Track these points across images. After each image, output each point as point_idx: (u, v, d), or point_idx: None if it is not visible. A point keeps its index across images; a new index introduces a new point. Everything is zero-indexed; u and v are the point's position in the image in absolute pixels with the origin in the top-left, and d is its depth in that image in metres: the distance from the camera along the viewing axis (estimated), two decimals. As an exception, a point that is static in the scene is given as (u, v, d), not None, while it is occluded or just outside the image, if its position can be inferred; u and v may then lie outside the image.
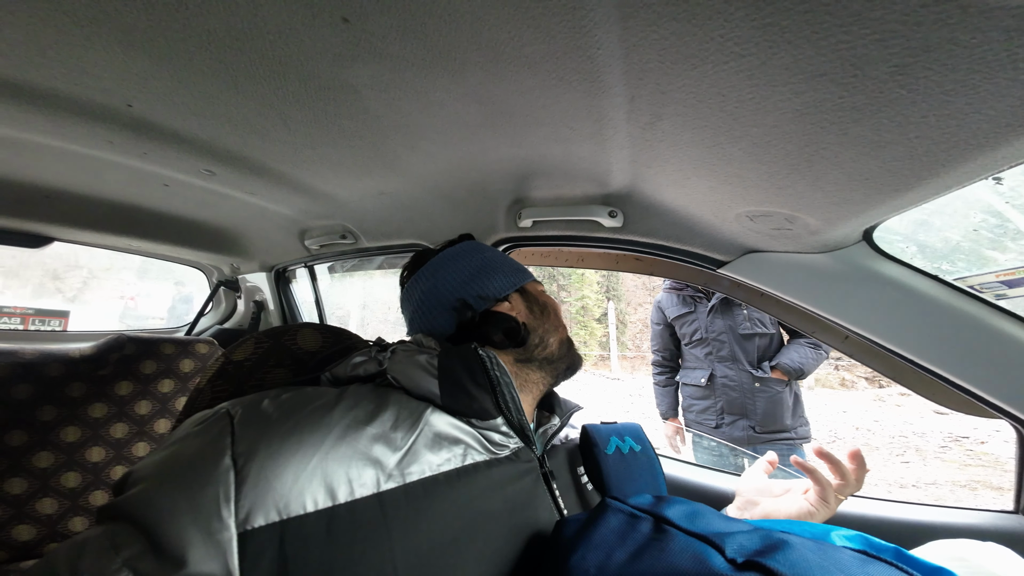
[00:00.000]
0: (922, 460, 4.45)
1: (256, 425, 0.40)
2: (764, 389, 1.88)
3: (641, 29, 0.43)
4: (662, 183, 0.73)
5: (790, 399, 1.89)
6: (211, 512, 0.34)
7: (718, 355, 1.96)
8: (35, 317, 1.66)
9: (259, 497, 0.36)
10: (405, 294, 0.69)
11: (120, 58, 0.57)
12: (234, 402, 0.44)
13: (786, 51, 0.40)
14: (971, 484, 3.83)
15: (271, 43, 0.53)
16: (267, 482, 0.36)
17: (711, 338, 1.97)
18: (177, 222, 1.41)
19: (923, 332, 0.76)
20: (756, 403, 1.88)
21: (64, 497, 1.06)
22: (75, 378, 1.12)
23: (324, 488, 0.38)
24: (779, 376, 1.87)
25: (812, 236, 0.72)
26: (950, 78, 0.37)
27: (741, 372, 1.91)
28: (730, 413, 1.93)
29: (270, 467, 0.37)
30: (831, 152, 0.51)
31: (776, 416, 1.86)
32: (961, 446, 4.69)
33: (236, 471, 0.36)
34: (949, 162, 0.46)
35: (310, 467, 0.38)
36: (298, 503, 0.37)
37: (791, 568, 0.30)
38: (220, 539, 0.34)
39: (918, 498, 0.86)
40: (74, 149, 0.86)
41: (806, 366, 1.83)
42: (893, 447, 4.87)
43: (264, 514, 0.35)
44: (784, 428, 1.87)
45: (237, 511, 0.35)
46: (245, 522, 0.35)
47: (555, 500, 0.53)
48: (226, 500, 0.35)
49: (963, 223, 0.98)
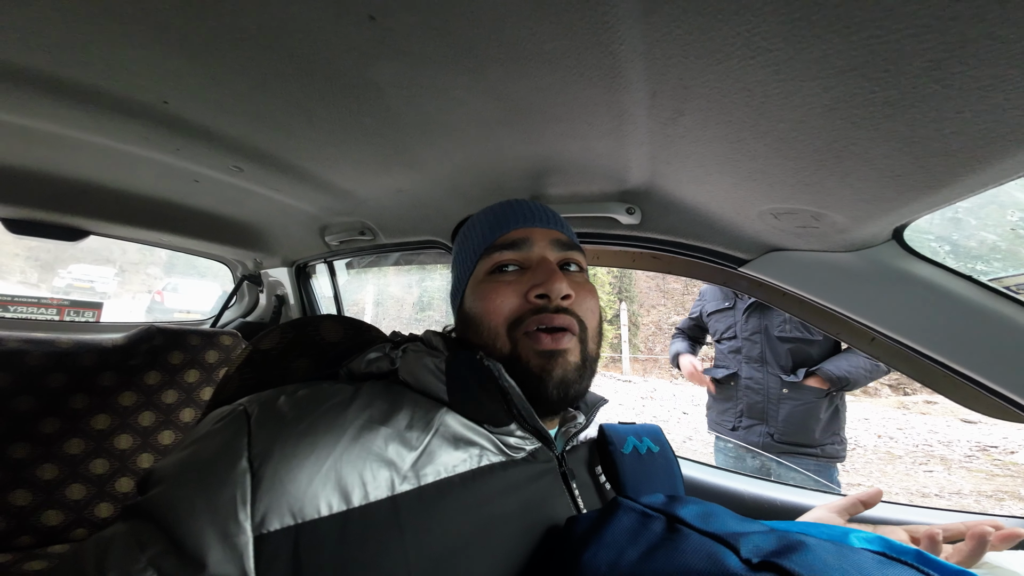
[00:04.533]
0: (947, 469, 4.30)
1: (272, 425, 0.40)
2: (792, 396, 1.74)
3: (664, 24, 0.42)
4: (682, 179, 0.72)
5: (825, 412, 1.71)
6: (229, 514, 0.34)
7: (747, 355, 1.86)
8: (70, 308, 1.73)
9: (274, 500, 0.36)
10: None
11: (157, 55, 0.59)
12: (251, 399, 0.44)
13: (815, 46, 0.40)
14: (997, 495, 3.68)
15: (300, 41, 0.54)
16: (281, 485, 0.36)
17: (743, 337, 1.87)
18: (205, 217, 1.46)
19: (956, 334, 0.73)
20: (779, 410, 1.76)
21: (92, 483, 1.10)
22: (107, 367, 1.17)
23: (338, 492, 0.38)
24: (818, 384, 1.71)
25: (839, 234, 0.70)
26: (987, 73, 0.36)
27: (769, 376, 1.79)
28: (749, 417, 1.84)
29: (284, 470, 0.37)
30: (861, 148, 0.50)
31: (802, 427, 1.72)
32: (989, 456, 4.51)
33: (252, 473, 0.36)
34: (986, 158, 0.45)
35: (324, 470, 0.38)
36: (312, 507, 0.36)
37: (808, 570, 0.29)
38: (237, 542, 0.34)
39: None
40: (111, 145, 0.89)
41: (854, 377, 1.64)
42: (916, 456, 4.71)
43: (279, 518, 0.35)
44: (810, 442, 1.71)
45: (253, 514, 0.35)
46: (261, 525, 0.35)
47: (574, 499, 0.52)
48: (243, 503, 0.35)
49: (999, 222, 0.93)
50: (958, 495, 3.76)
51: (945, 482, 4.02)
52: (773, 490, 0.96)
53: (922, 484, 3.99)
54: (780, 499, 0.92)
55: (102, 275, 11.05)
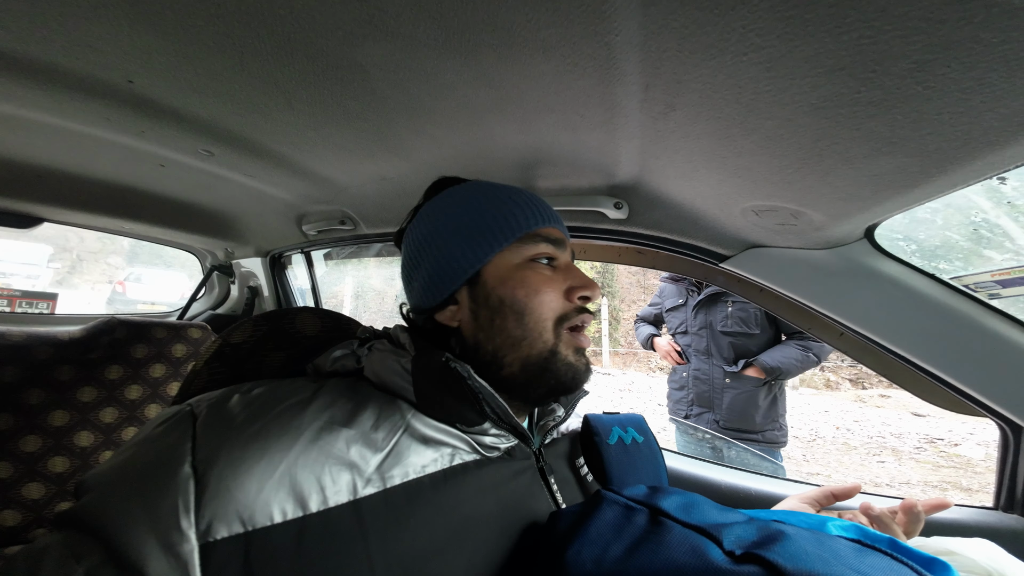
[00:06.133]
0: (897, 461, 4.58)
1: (220, 427, 0.38)
2: (734, 385, 1.90)
3: (662, 16, 0.42)
4: (670, 175, 0.73)
5: (764, 399, 1.87)
6: (170, 523, 0.32)
7: (695, 348, 2.03)
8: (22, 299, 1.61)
9: (220, 507, 0.34)
10: None
11: (125, 32, 0.55)
12: (201, 399, 0.42)
13: (808, 44, 0.40)
14: (942, 485, 3.96)
15: (281, 19, 0.51)
16: (228, 491, 0.34)
17: (692, 331, 2.03)
18: (171, 204, 1.38)
19: (918, 330, 0.78)
20: (723, 398, 1.92)
21: (51, 482, 1.04)
22: (63, 361, 1.10)
23: (293, 497, 0.36)
24: (755, 373, 1.86)
25: (816, 232, 0.73)
26: (968, 76, 0.37)
27: (713, 367, 1.96)
28: (698, 405, 2.01)
29: (231, 475, 0.35)
30: (843, 147, 0.52)
31: (743, 414, 1.87)
32: (936, 447, 4.81)
33: (197, 479, 0.34)
34: (958, 159, 0.47)
35: (276, 475, 0.36)
36: (264, 514, 0.34)
37: (790, 560, 0.30)
38: (180, 551, 0.32)
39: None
40: (70, 126, 0.83)
41: (786, 367, 1.80)
42: (871, 447, 4.98)
43: (227, 525, 0.33)
44: (751, 428, 1.87)
45: (198, 522, 0.33)
46: (207, 533, 0.33)
47: (552, 495, 0.52)
48: (186, 510, 0.33)
49: (963, 222, 1.00)
50: (907, 484, 4.01)
51: (896, 472, 4.29)
52: (750, 480, 0.99)
53: (875, 474, 4.24)
54: (757, 488, 0.95)
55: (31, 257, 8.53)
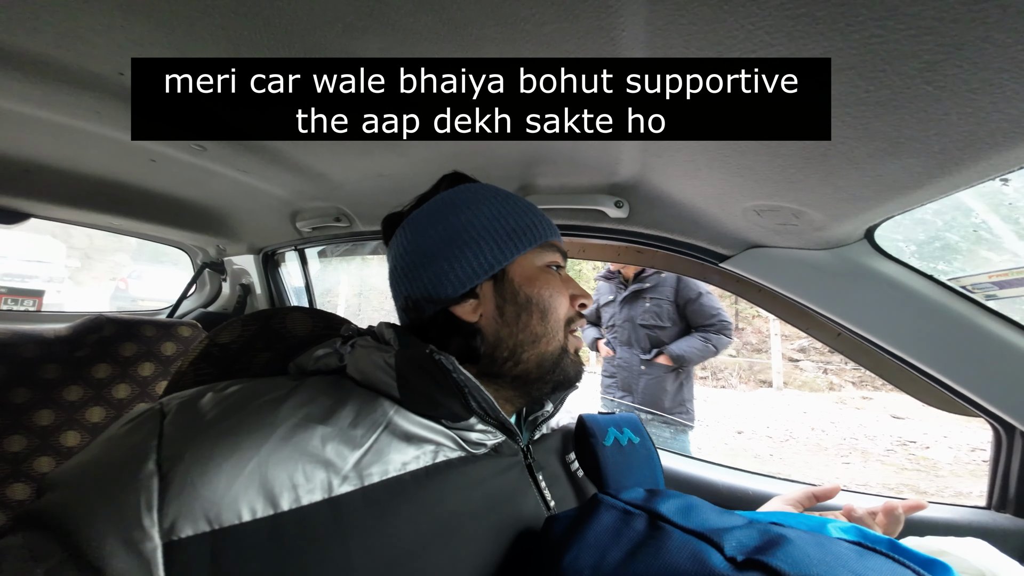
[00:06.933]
0: (864, 462, 4.62)
1: (188, 425, 0.37)
2: (647, 372, 2.19)
3: (669, 13, 0.42)
4: (672, 174, 0.72)
5: (672, 385, 2.16)
6: (132, 521, 0.32)
7: (620, 339, 2.30)
8: (7, 296, 1.58)
9: (185, 505, 0.33)
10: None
11: (118, 22, 0.53)
12: (172, 397, 0.41)
13: (817, 43, 0.40)
14: (899, 488, 3.98)
15: (279, 11, 0.50)
16: (193, 488, 0.33)
17: (618, 324, 2.30)
18: (162, 200, 1.36)
19: (915, 331, 0.78)
20: (639, 383, 2.21)
21: (37, 483, 1.02)
22: (50, 360, 1.07)
23: (263, 495, 0.35)
24: (664, 361, 2.13)
25: (816, 232, 0.73)
26: (978, 76, 0.37)
27: (632, 355, 2.24)
28: (622, 390, 2.29)
29: (197, 473, 0.34)
30: (847, 147, 0.51)
31: (655, 397, 2.16)
32: (907, 450, 4.83)
33: (161, 476, 0.34)
34: (963, 160, 0.47)
35: (246, 472, 0.35)
36: (232, 512, 0.34)
37: (793, 565, 0.29)
38: (143, 549, 0.31)
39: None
40: (58, 120, 0.81)
41: (688, 356, 2.09)
42: (842, 449, 5.02)
43: (192, 524, 0.33)
44: (663, 410, 2.16)
45: (161, 520, 0.32)
46: (171, 532, 0.32)
47: (540, 492, 0.51)
48: (148, 508, 0.32)
49: (963, 224, 1.02)
50: (864, 487, 4.05)
51: (858, 473, 4.34)
52: (748, 480, 1.00)
53: (837, 475, 4.29)
54: (755, 489, 0.96)
55: (45, 254, 7.65)
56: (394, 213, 0.59)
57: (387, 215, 0.60)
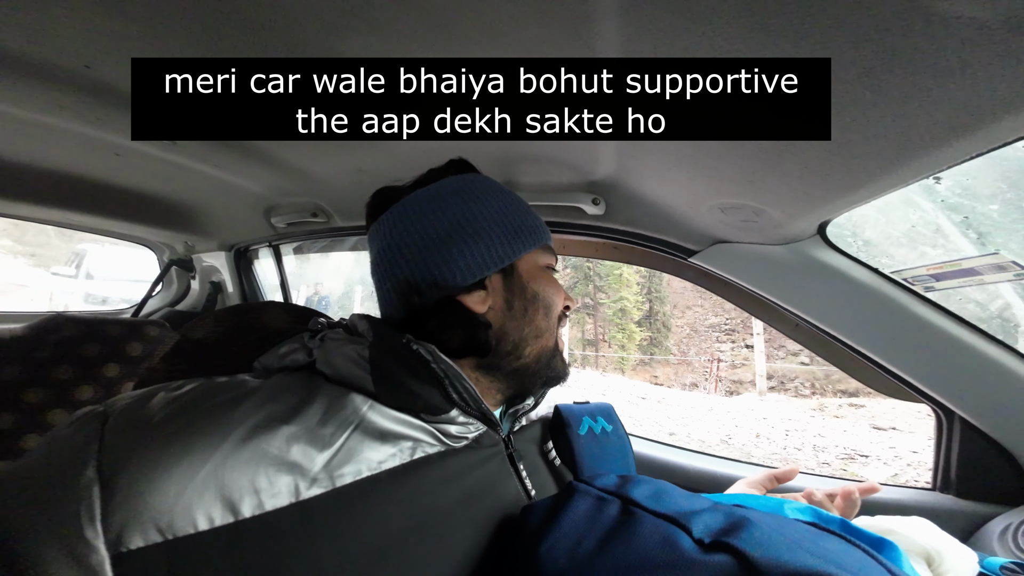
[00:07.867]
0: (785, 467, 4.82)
1: (132, 428, 0.34)
2: None
3: (640, 21, 0.45)
4: (645, 173, 0.76)
5: None
6: (74, 532, 0.30)
7: None
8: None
9: (132, 514, 0.31)
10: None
11: (88, 16, 0.53)
12: (117, 398, 0.38)
13: (769, 50, 0.44)
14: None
15: (257, 7, 0.50)
16: (140, 496, 0.31)
17: None
18: (126, 195, 1.30)
19: (862, 320, 0.84)
20: None
21: None
22: (8, 361, 1.02)
23: (221, 502, 0.33)
24: None
25: (775, 229, 0.78)
26: (908, 82, 0.42)
27: None
28: None
29: (143, 479, 0.32)
30: (799, 149, 0.56)
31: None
32: (842, 462, 4.89)
33: (102, 484, 0.31)
34: (899, 160, 0.52)
35: (199, 478, 0.33)
36: (186, 520, 0.31)
37: (756, 546, 0.30)
38: (89, 563, 0.29)
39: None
40: (17, 113, 0.78)
41: None
42: (776, 456, 5.12)
43: (142, 534, 0.30)
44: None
45: (106, 531, 0.30)
46: (118, 543, 0.30)
47: (522, 482, 0.51)
48: (90, 518, 0.30)
49: (904, 220, 1.12)
50: (813, 471, 4.19)
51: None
52: (714, 464, 1.05)
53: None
54: (722, 472, 1.01)
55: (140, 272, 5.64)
56: (389, 187, 0.56)
57: (382, 188, 0.57)
